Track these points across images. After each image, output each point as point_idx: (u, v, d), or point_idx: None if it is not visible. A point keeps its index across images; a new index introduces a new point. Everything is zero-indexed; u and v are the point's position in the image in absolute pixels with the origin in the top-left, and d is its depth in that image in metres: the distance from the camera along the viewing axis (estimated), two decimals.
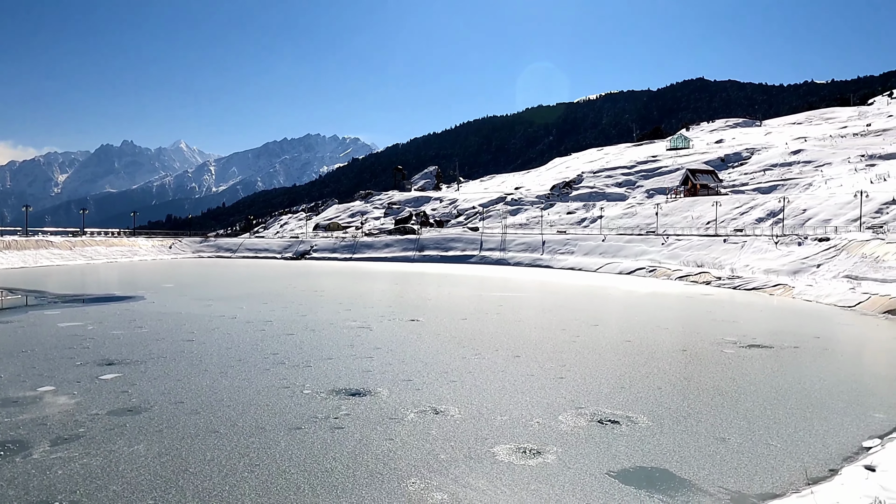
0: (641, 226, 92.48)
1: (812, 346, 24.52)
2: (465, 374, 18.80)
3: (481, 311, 35.42)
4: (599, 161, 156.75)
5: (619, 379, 18.39)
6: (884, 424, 14.14)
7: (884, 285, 39.66)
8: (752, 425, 14.00)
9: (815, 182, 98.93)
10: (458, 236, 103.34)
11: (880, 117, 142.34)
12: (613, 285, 55.67)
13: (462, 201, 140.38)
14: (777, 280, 50.05)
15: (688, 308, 39.14)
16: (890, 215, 64.17)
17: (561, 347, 23.45)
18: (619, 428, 13.65)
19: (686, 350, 23.93)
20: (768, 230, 71.01)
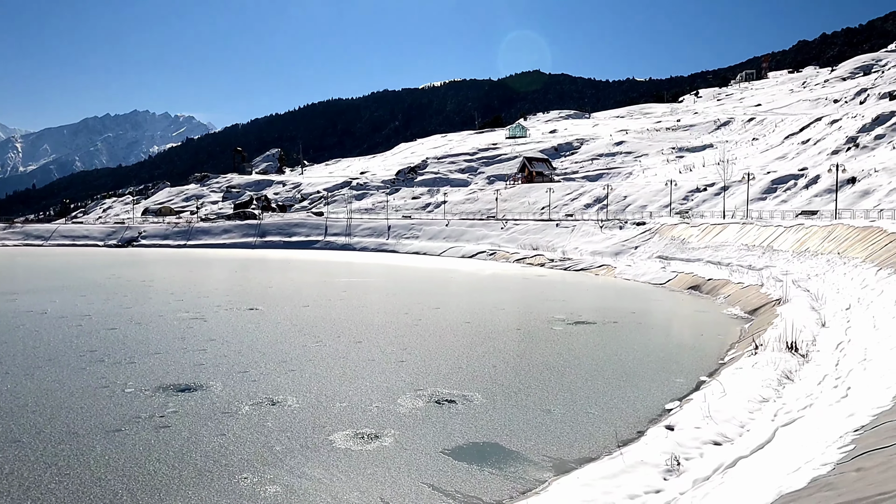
0: (483, 211, 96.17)
1: (629, 321, 26.99)
2: (304, 362, 18.45)
3: (325, 297, 34.91)
4: (443, 147, 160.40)
5: (457, 360, 19.03)
6: (683, 388, 15.94)
7: (688, 264, 44.63)
8: (575, 396, 15.14)
9: (634, 171, 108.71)
10: (303, 221, 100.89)
11: (688, 114, 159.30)
12: (456, 268, 57.43)
13: (306, 185, 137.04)
14: (602, 261, 54.47)
15: (524, 289, 41.39)
16: (694, 202, 72.28)
17: (403, 331, 23.77)
18: (455, 407, 14.13)
19: (520, 329, 25.30)
20: (595, 215, 76.95)
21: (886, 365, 12.80)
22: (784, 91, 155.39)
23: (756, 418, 12.64)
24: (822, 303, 24.89)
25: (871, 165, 58.64)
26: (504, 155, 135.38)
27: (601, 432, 12.59)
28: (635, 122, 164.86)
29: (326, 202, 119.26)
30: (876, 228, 32.72)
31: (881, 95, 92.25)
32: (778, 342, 18.53)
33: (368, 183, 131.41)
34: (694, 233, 51.35)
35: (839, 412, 10.66)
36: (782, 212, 53.71)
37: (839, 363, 15.21)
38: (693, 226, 53.47)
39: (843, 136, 75.79)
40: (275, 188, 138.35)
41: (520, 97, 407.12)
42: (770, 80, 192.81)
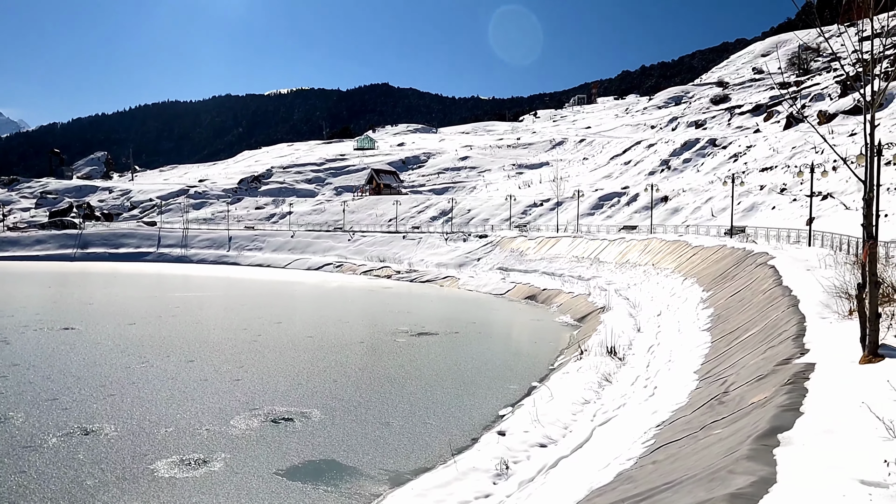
0: (330, 222, 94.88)
1: (470, 331, 27.91)
2: (127, 385, 17.00)
3: (155, 314, 32.44)
4: (290, 156, 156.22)
5: (297, 376, 18.53)
6: (516, 394, 16.76)
7: (526, 275, 47.15)
8: (414, 407, 15.35)
9: (478, 185, 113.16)
10: (132, 231, 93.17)
11: (527, 133, 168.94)
12: (301, 281, 56.04)
13: (137, 192, 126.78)
14: (447, 272, 55.91)
15: (369, 301, 41.33)
16: (532, 216, 76.67)
17: (241, 348, 22.73)
18: (293, 425, 13.75)
19: (364, 342, 25.21)
20: (440, 228, 78.89)
21: (686, 365, 14.35)
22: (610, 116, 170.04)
23: (578, 420, 13.61)
24: (638, 310, 27.41)
25: (680, 186, 65.82)
26: (352, 166, 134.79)
27: (438, 442, 12.86)
28: (479, 138, 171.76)
29: (160, 211, 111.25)
30: (683, 242, 36.73)
31: (689, 124, 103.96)
32: (600, 347, 20.12)
33: (208, 191, 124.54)
34: (531, 245, 54.38)
35: (646, 410, 11.77)
36: (608, 226, 58.57)
37: (650, 365, 16.83)
38: (530, 239, 56.64)
39: (658, 158, 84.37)
40: (100, 195, 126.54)
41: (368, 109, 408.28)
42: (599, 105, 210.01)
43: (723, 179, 56.57)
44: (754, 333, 13.72)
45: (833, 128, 56.47)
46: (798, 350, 9.55)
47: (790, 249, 25.99)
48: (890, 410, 5.24)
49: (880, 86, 8.12)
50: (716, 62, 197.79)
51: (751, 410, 7.25)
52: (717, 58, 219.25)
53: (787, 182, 49.82)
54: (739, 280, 22.65)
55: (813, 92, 75.50)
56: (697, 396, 10.64)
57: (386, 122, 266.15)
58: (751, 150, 68.14)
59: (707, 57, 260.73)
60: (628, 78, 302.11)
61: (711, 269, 28.35)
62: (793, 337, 10.71)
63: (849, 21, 54.27)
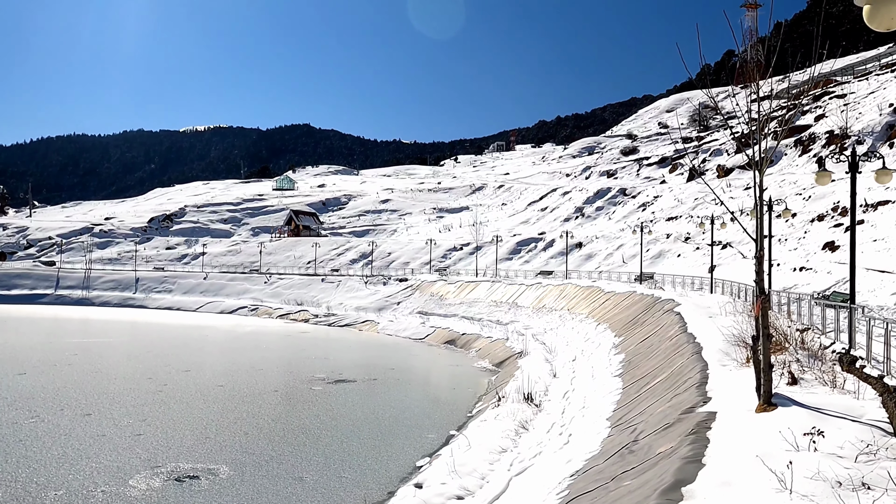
0: (246, 264, 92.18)
1: (388, 378, 27.55)
2: (13, 443, 15.64)
3: (48, 362, 30.20)
4: (205, 195, 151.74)
5: (204, 429, 17.64)
6: (434, 443, 16.59)
7: (445, 319, 47.29)
8: (329, 460, 14.90)
9: (399, 229, 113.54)
10: (28, 272, 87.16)
11: (448, 177, 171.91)
12: (213, 325, 53.87)
13: (35, 230, 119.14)
14: (366, 316, 55.28)
15: (286, 347, 40.16)
16: (452, 260, 77.45)
17: (144, 399, 21.45)
18: (199, 483, 13.02)
19: (278, 390, 24.38)
20: (360, 271, 78.24)
21: (599, 411, 14.70)
22: (528, 163, 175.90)
23: (495, 469, 13.59)
24: (555, 355, 27.97)
25: (593, 232, 68.50)
26: (270, 207, 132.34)
27: (353, 497, 12.50)
28: (401, 181, 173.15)
29: (60, 250, 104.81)
30: (596, 288, 38.01)
31: (601, 173, 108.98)
32: (517, 393, 20.31)
33: (115, 230, 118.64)
34: (451, 289, 54.75)
35: (561, 459, 11.92)
36: (525, 271, 59.92)
37: (565, 411, 17.11)
38: (450, 283, 57.05)
39: (572, 206, 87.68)
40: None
41: (289, 149, 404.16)
42: (517, 153, 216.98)
43: (632, 227, 59.31)
44: (662, 380, 14.27)
45: (731, 181, 60.64)
46: (701, 398, 9.99)
47: (694, 296, 27.37)
48: (781, 462, 5.55)
49: (769, 144, 8.83)
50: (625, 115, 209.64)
51: (658, 461, 7.48)
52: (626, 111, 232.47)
53: (691, 231, 52.82)
54: (648, 326, 23.59)
55: (712, 147, 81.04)
56: (609, 444, 10.89)
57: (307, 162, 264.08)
58: (657, 200, 71.98)
59: (617, 110, 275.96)
60: (545, 127, 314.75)
61: (623, 314, 29.41)
62: (696, 385, 11.21)
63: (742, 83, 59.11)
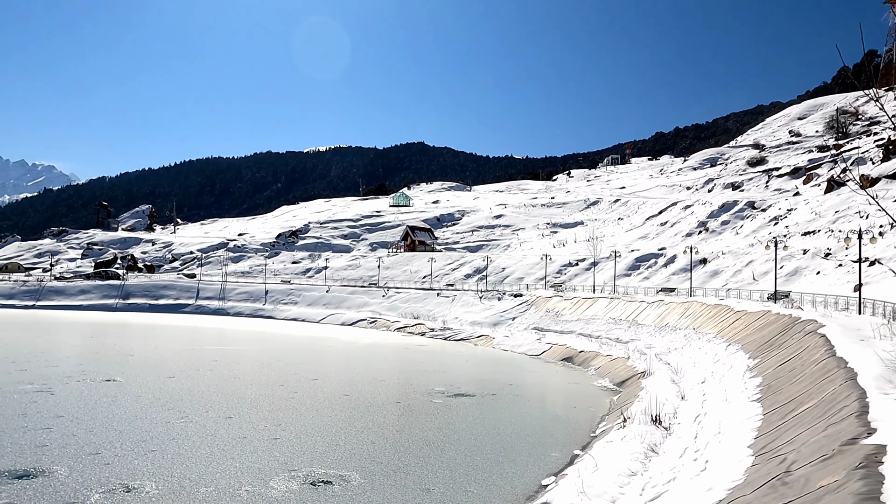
0: (364, 278, 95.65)
1: (507, 393, 27.44)
2: (167, 441, 17.04)
3: (193, 367, 32.75)
4: (327, 212, 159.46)
5: (334, 436, 18.36)
6: (558, 462, 16.28)
7: (562, 336, 46.50)
8: (454, 473, 15.01)
9: (512, 244, 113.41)
10: (172, 283, 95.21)
11: (561, 192, 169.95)
12: (335, 336, 56.17)
13: (179, 245, 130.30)
14: (481, 331, 55.49)
15: (404, 359, 41.11)
16: (567, 275, 76.21)
17: (278, 405, 22.70)
18: (332, 488, 13.54)
19: (400, 402, 24.95)
20: (475, 286, 78.85)
21: (737, 438, 13.81)
22: (645, 176, 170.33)
23: (626, 493, 13.11)
24: (681, 376, 26.67)
25: (718, 248, 64.95)
26: (388, 223, 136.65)
27: None
28: (513, 196, 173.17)
29: (200, 264, 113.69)
30: (724, 306, 35.94)
31: (725, 185, 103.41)
32: (644, 415, 19.53)
33: (247, 245, 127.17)
34: (567, 306, 53.81)
35: (699, 486, 11.30)
36: (645, 288, 57.80)
37: (698, 436, 16.24)
38: (566, 299, 56.09)
39: (695, 220, 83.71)
40: (143, 247, 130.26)
41: (404, 166, 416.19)
42: (633, 166, 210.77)
43: (764, 243, 55.65)
44: (810, 407, 13.19)
45: (877, 192, 55.47)
46: (864, 429, 9.13)
47: (839, 317, 25.20)
48: None
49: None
50: (750, 124, 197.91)
51: (822, 495, 6.90)
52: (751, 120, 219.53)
53: (832, 246, 48.76)
54: (788, 348, 21.96)
55: (854, 156, 74.64)
56: (756, 474, 10.19)
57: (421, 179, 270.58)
58: (792, 214, 67.16)
59: (741, 119, 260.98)
60: (662, 139, 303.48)
61: (756, 335, 27.57)
62: (855, 414, 10.26)
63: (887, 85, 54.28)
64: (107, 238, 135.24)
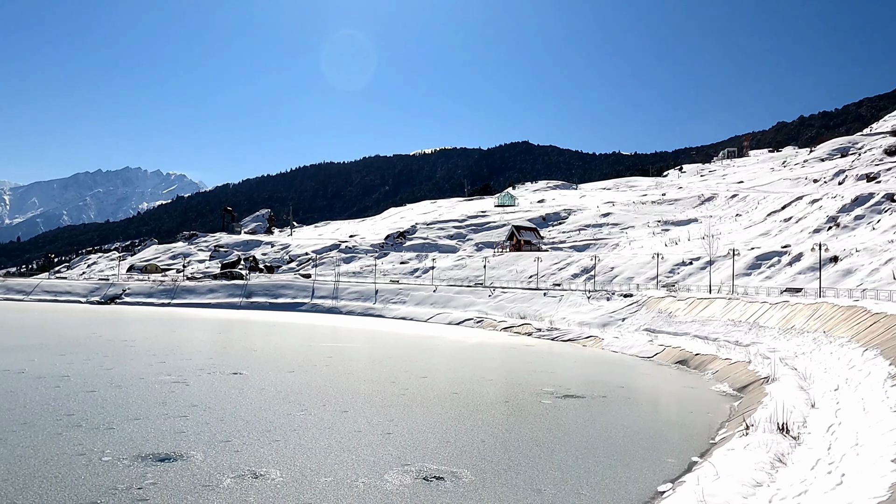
0: (471, 277, 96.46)
1: (618, 396, 26.73)
2: (289, 432, 18.01)
3: (310, 362, 34.40)
4: (433, 213, 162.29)
5: (445, 433, 18.66)
6: (675, 469, 15.67)
7: (675, 338, 44.64)
8: (566, 475, 14.82)
9: (621, 243, 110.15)
10: (290, 283, 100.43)
11: (672, 188, 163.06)
12: (443, 335, 57.01)
13: (295, 247, 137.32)
14: (589, 332, 54.35)
15: (511, 359, 41.05)
16: (680, 275, 73.03)
17: (390, 401, 23.37)
18: (444, 484, 13.77)
19: (508, 401, 24.95)
20: (582, 285, 77.35)
21: (879, 451, 12.70)
22: (765, 169, 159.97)
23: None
24: (810, 382, 24.85)
25: (852, 245, 59.85)
26: (493, 223, 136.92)
27: None
28: (621, 194, 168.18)
29: (314, 264, 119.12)
30: (860, 308, 33.09)
31: (859, 177, 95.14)
32: (769, 423, 18.37)
33: (357, 246, 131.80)
34: (681, 306, 51.61)
35: (835, 501, 10.50)
36: (767, 288, 54.29)
37: (831, 447, 15.08)
38: (680, 299, 53.80)
39: (823, 215, 77.61)
40: (263, 249, 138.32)
41: (508, 166, 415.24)
42: (751, 158, 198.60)
43: None
44: None
45: None
46: None
47: None
48: None
49: None
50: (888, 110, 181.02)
51: None
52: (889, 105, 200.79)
53: None
54: None
55: None
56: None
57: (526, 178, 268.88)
58: None
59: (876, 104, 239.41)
60: (784, 129, 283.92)
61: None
62: None
63: None
64: (231, 241, 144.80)
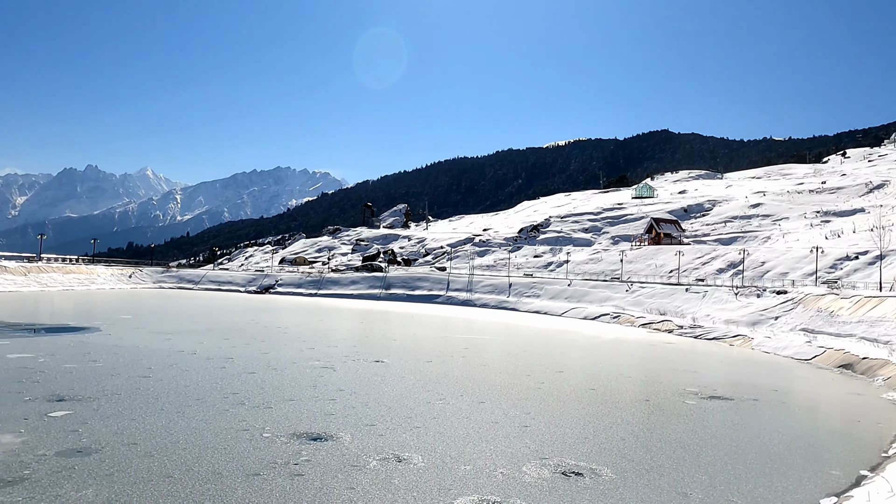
0: (606, 272, 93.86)
1: (771, 399, 24.91)
2: (429, 419, 18.59)
3: (446, 353, 35.24)
4: (567, 206, 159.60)
5: (583, 428, 18.39)
6: (840, 482, 14.36)
7: (838, 339, 40.71)
8: (714, 480, 14.08)
9: (773, 235, 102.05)
10: (426, 276, 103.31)
11: (834, 176, 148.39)
12: (578, 330, 56.05)
13: (430, 240, 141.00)
14: (737, 331, 51.00)
15: (650, 356, 39.54)
16: (843, 271, 66.36)
17: (525, 394, 23.40)
18: (583, 480, 13.59)
19: (649, 400, 24.08)
20: (728, 281, 72.63)
21: None
22: None
23: None
24: None
25: None
26: (630, 215, 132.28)
27: None
28: (773, 183, 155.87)
29: (449, 257, 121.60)
30: None
31: None
32: None
33: (490, 240, 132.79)
34: (845, 305, 46.96)
35: None
36: None
37: None
38: (844, 297, 48.95)
39: None
40: (400, 242, 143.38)
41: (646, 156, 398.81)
42: None
43: None
44: None
45: None
46: None
47: None
48: None
49: None
50: None
51: None
52: None
53: None
54: None
55: None
56: None
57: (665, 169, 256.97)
58: None
59: None
60: None
61: None
62: None
63: None
64: (371, 235, 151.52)
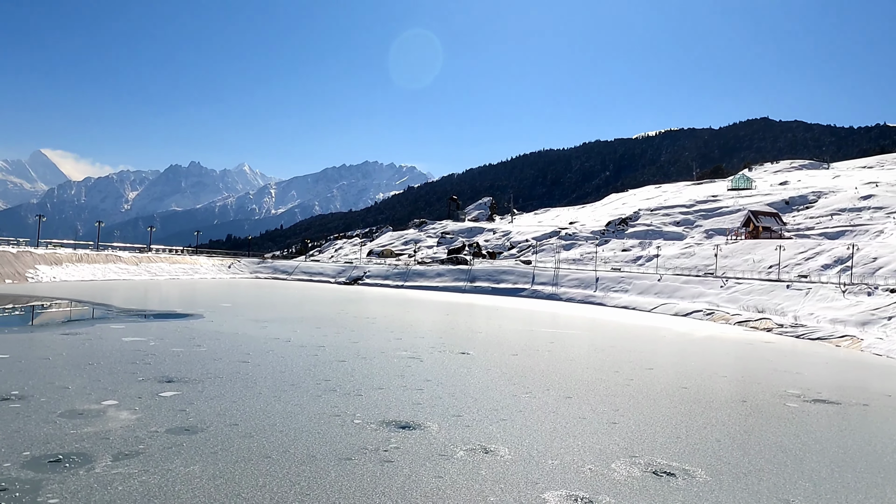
0: (699, 267, 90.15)
1: (883, 405, 23.23)
2: (515, 412, 18.57)
3: (532, 347, 35.03)
4: (657, 199, 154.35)
5: (675, 428, 17.82)
6: None
7: None
8: (819, 489, 13.31)
9: (886, 229, 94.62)
10: (511, 269, 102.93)
11: None
12: (668, 327, 54.26)
13: (515, 234, 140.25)
14: (844, 331, 47.81)
15: (747, 355, 37.75)
16: None
17: (614, 390, 22.92)
18: (676, 481, 13.19)
19: (746, 401, 23.01)
20: (835, 278, 68.07)
21: None
22: None
23: None
24: None
25: None
26: (725, 208, 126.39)
27: None
28: (888, 173, 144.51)
29: (534, 251, 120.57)
30: None
31: None
32: None
33: (577, 233, 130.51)
34: None
35: None
36: None
37: None
38: None
39: None
40: (485, 235, 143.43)
41: (744, 146, 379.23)
42: None
43: None
44: None
45: None
46: None
47: None
48: None
49: None
50: None
51: None
52: None
53: None
54: None
55: None
56: None
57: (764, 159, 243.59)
58: None
59: None
60: None
61: None
62: None
63: None
64: (456, 228, 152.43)
